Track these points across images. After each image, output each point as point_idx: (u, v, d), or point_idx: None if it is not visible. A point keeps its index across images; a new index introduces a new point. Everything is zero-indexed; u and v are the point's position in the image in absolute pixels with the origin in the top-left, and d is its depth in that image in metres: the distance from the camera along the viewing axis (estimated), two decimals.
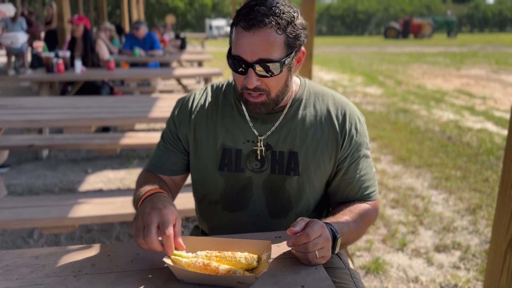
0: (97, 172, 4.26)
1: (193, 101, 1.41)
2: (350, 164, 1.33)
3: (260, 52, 1.15)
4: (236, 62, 1.18)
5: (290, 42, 1.17)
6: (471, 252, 2.85)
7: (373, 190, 1.37)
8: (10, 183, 3.92)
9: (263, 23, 1.13)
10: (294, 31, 1.17)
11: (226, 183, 1.36)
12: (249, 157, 1.33)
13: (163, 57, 7.39)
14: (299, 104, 1.34)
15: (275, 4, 1.16)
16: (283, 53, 1.17)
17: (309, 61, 3.38)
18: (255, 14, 1.13)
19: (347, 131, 1.31)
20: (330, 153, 1.31)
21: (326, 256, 1.08)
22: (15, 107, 3.16)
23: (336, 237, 1.12)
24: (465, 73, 12.83)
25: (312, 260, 1.05)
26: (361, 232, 1.29)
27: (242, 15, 1.16)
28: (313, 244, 1.04)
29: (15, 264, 1.08)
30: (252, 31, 1.14)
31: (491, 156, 4.83)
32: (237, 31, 1.17)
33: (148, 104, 3.32)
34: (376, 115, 7.10)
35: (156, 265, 1.07)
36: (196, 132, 1.37)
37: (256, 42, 1.14)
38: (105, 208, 2.47)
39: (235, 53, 1.18)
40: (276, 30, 1.14)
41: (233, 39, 1.19)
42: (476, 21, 62.84)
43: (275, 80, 1.20)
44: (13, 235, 3.05)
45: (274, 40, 1.14)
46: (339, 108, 1.35)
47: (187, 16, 51.78)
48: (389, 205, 3.58)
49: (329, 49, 24.50)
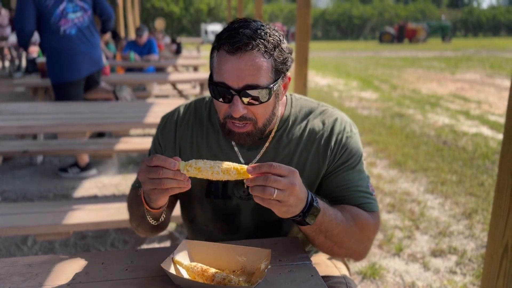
0: (92, 178, 4.23)
1: (177, 121, 1.34)
2: (335, 175, 1.26)
3: (247, 78, 1.06)
4: (220, 90, 1.10)
5: (277, 66, 1.10)
6: (467, 257, 2.85)
7: (370, 202, 1.27)
8: (4, 189, 3.89)
9: (250, 46, 1.05)
10: (281, 55, 1.10)
11: (213, 210, 1.32)
12: (237, 184, 1.28)
13: (159, 62, 7.39)
14: (285, 127, 1.27)
15: (259, 27, 1.09)
16: (270, 79, 1.09)
17: (305, 66, 3.38)
18: (240, 36, 1.06)
19: (333, 145, 1.25)
20: (317, 171, 1.26)
21: (287, 205, 1.00)
22: (9, 113, 3.14)
23: (313, 204, 1.06)
24: (460, 77, 12.89)
25: (267, 197, 0.97)
26: (351, 231, 1.18)
27: (225, 38, 1.08)
28: (275, 179, 0.97)
29: (7, 272, 1.07)
30: (237, 55, 1.05)
31: (486, 160, 4.84)
32: (220, 55, 1.09)
33: (143, 109, 3.31)
34: (371, 119, 7.12)
35: (151, 273, 1.07)
36: (182, 155, 1.32)
37: (242, 66, 1.06)
38: (100, 215, 2.45)
39: (218, 80, 1.09)
40: (263, 53, 1.07)
41: (215, 64, 1.11)
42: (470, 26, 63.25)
43: (262, 108, 1.12)
44: (7, 242, 3.02)
45: (261, 65, 1.07)
46: (326, 123, 1.28)
47: (182, 21, 51.82)
48: (385, 209, 3.58)
49: (325, 54, 24.57)
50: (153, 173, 1.00)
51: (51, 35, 3.89)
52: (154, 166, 1.01)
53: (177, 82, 5.91)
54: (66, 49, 3.94)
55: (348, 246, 1.21)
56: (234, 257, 1.08)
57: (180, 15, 51.35)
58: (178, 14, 51.02)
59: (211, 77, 1.13)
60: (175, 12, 50.61)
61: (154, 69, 7.62)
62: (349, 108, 8.16)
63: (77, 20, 3.95)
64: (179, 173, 1.01)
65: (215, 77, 1.11)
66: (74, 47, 3.96)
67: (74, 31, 3.93)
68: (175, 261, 1.05)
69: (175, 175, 1.00)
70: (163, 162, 1.00)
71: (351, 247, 1.22)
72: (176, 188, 1.03)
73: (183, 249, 1.10)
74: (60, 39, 3.89)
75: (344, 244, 1.19)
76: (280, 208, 1.01)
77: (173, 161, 1.00)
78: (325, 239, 1.15)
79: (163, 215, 1.22)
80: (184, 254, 1.09)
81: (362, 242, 1.24)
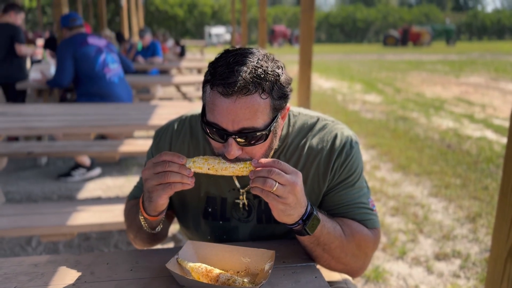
0: (96, 180, 4.25)
1: (173, 138, 1.29)
2: (335, 193, 1.22)
3: (243, 121, 0.99)
4: (213, 130, 1.02)
5: (275, 104, 1.02)
6: (471, 261, 2.84)
7: (371, 218, 1.23)
8: (9, 190, 3.91)
9: (246, 90, 0.97)
10: (280, 91, 1.02)
11: (211, 231, 1.30)
12: (235, 206, 1.24)
13: (163, 65, 7.42)
14: (283, 147, 1.22)
15: (256, 62, 1.00)
16: (268, 119, 1.02)
17: (308, 69, 3.39)
18: (235, 77, 0.96)
19: (333, 164, 1.20)
20: (318, 190, 1.22)
21: (285, 203, 0.99)
22: (14, 114, 3.16)
23: (313, 213, 1.05)
24: (464, 81, 12.87)
25: (267, 189, 0.97)
26: (348, 247, 1.15)
27: (219, 77, 0.99)
28: (277, 172, 0.96)
29: (14, 272, 1.08)
30: (233, 98, 0.97)
31: (490, 164, 4.83)
32: (214, 95, 1.00)
33: (147, 111, 3.33)
34: (375, 122, 7.11)
35: (156, 273, 1.07)
36: None
37: (238, 110, 0.98)
38: (104, 216, 2.46)
39: (212, 120, 1.01)
40: (260, 95, 0.99)
41: (209, 102, 1.02)
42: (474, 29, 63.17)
43: (258, 147, 1.06)
44: (11, 242, 3.03)
45: (258, 107, 0.99)
46: (325, 140, 1.22)
47: (186, 24, 51.98)
48: (388, 213, 3.57)
49: (328, 57, 24.59)
50: (159, 167, 1.02)
51: (98, 81, 4.12)
52: (161, 161, 1.03)
53: (181, 84, 5.93)
54: (111, 95, 4.17)
55: (345, 262, 1.18)
56: (238, 258, 1.09)
57: (184, 18, 51.52)
58: (182, 17, 51.19)
59: (204, 113, 1.06)
60: (179, 15, 50.79)
61: (158, 72, 7.65)
62: (352, 111, 8.16)
63: (116, 71, 4.26)
64: (184, 168, 1.03)
65: (208, 116, 1.03)
66: (119, 94, 4.22)
67: (117, 79, 4.21)
68: (180, 261, 1.05)
69: (180, 169, 1.02)
70: (170, 156, 1.03)
71: (348, 262, 1.19)
72: (179, 184, 1.03)
73: (188, 249, 1.11)
74: (106, 84, 4.13)
75: (342, 260, 1.17)
76: (277, 205, 0.99)
77: (181, 156, 1.03)
78: (322, 252, 1.13)
79: (160, 225, 1.20)
80: (189, 255, 1.10)
81: (360, 258, 1.20)
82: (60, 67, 4.06)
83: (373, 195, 3.92)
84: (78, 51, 4.03)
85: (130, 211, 1.30)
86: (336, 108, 8.47)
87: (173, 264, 1.03)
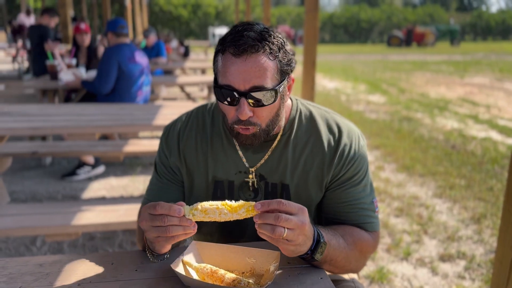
0: (100, 180, 4.26)
1: (180, 130, 1.32)
2: (340, 190, 1.24)
3: (253, 79, 1.06)
4: (226, 92, 1.08)
5: (282, 67, 1.10)
6: (476, 262, 2.83)
7: (372, 221, 1.26)
8: (13, 190, 3.92)
9: (255, 48, 1.05)
10: (285, 56, 1.11)
11: None
12: (242, 188, 1.27)
13: (167, 65, 7.42)
14: (290, 132, 1.26)
15: (263, 29, 1.10)
16: (276, 80, 1.09)
17: (312, 69, 3.39)
18: (245, 39, 1.05)
19: (339, 157, 1.22)
20: (321, 179, 1.24)
21: (296, 244, 0.98)
22: (19, 114, 3.17)
23: (320, 240, 1.04)
24: (469, 81, 12.83)
25: (277, 237, 0.94)
26: (352, 255, 1.17)
27: (229, 41, 1.08)
28: (285, 218, 0.94)
29: (19, 272, 1.08)
30: (243, 57, 1.05)
31: (495, 164, 4.81)
32: (225, 58, 1.08)
33: (151, 111, 3.33)
34: (379, 123, 7.09)
35: (161, 273, 1.07)
36: (187, 164, 1.30)
37: (248, 69, 1.05)
38: (108, 216, 2.46)
39: (224, 83, 1.08)
40: (268, 55, 1.07)
41: (220, 67, 1.10)
42: (479, 30, 62.88)
43: (267, 109, 1.12)
44: (16, 242, 3.05)
45: (267, 66, 1.07)
46: (334, 132, 1.25)
47: (190, 24, 52.04)
48: (393, 214, 3.57)
49: (332, 57, 24.56)
50: (157, 221, 0.98)
51: (126, 100, 4.14)
52: (159, 215, 0.98)
53: (185, 84, 5.94)
54: None
55: (348, 268, 1.21)
56: (243, 259, 1.08)
57: (188, 18, 51.57)
58: (186, 17, 51.24)
59: (216, 81, 1.13)
60: (183, 15, 50.84)
61: (162, 72, 7.66)
62: (356, 111, 8.15)
63: (146, 93, 4.33)
64: (184, 219, 0.98)
65: (220, 80, 1.10)
66: None
67: (142, 101, 4.27)
68: (185, 262, 1.05)
69: (181, 222, 0.98)
70: (167, 210, 0.97)
71: (351, 268, 1.22)
72: (182, 235, 1.00)
73: (193, 250, 1.11)
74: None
75: (346, 267, 1.20)
76: (288, 247, 0.98)
77: (178, 208, 0.97)
78: (328, 266, 1.14)
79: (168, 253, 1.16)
80: (194, 255, 1.10)
81: (361, 261, 1.24)
82: (105, 73, 4.02)
83: (378, 195, 3.91)
84: (124, 65, 4.02)
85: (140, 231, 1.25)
86: (340, 108, 8.45)
87: (178, 264, 1.03)
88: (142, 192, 3.92)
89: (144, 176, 4.33)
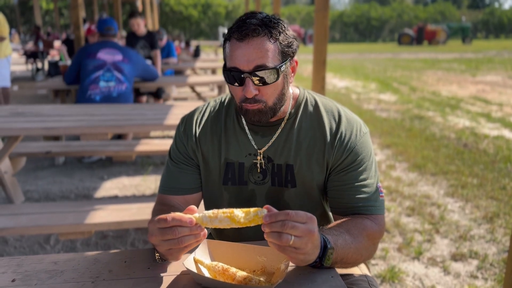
0: (113, 179, 4.30)
1: (197, 118, 1.42)
2: (342, 173, 1.29)
3: (256, 60, 1.17)
4: (232, 74, 1.20)
5: (283, 49, 1.20)
6: (489, 261, 2.80)
7: (374, 205, 1.28)
8: (27, 189, 3.98)
9: (256, 32, 1.17)
10: (286, 39, 1.21)
11: (230, 197, 1.38)
12: (251, 170, 1.35)
13: (177, 65, 7.46)
14: (296, 116, 1.35)
15: (265, 16, 1.22)
16: (278, 61, 1.19)
17: (323, 68, 3.38)
18: (247, 25, 1.17)
19: (339, 141, 1.29)
20: (322, 163, 1.31)
21: (304, 253, 0.97)
22: (33, 115, 3.21)
23: (327, 246, 1.05)
24: (481, 79, 12.69)
25: (284, 244, 0.94)
26: (361, 247, 1.18)
27: (234, 29, 1.20)
28: (292, 225, 0.93)
29: (34, 269, 1.10)
30: (246, 41, 1.17)
31: (508, 163, 4.76)
32: (231, 44, 1.20)
33: (163, 111, 3.35)
34: (390, 122, 7.06)
35: (173, 271, 1.08)
36: (202, 147, 1.38)
37: (251, 51, 1.17)
38: (121, 215, 2.49)
39: (231, 65, 1.20)
40: (269, 38, 1.18)
41: (228, 53, 1.22)
42: (491, 27, 62.10)
43: (271, 88, 1.22)
44: (30, 240, 3.09)
45: (268, 48, 1.18)
46: (336, 117, 1.34)
47: (200, 25, 52.16)
48: (404, 213, 3.55)
49: (343, 56, 24.46)
50: (168, 234, 0.98)
51: (80, 93, 4.31)
52: (169, 228, 0.98)
53: (196, 84, 5.96)
54: None
55: (361, 260, 1.21)
56: (254, 257, 1.09)
57: (198, 18, 51.70)
58: (196, 17, 51.37)
59: (225, 66, 1.24)
60: (194, 15, 50.97)
61: (173, 72, 7.70)
62: (367, 110, 8.11)
63: (105, 89, 4.31)
64: (195, 228, 0.98)
65: (228, 64, 1.22)
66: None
67: (99, 98, 4.28)
68: (197, 260, 1.07)
69: (192, 231, 0.98)
70: (178, 221, 0.97)
71: (363, 259, 1.22)
72: (194, 243, 1.01)
73: (204, 248, 1.12)
74: (85, 101, 4.26)
75: (358, 261, 1.20)
76: (296, 255, 0.97)
77: (189, 218, 0.98)
78: (341, 265, 1.14)
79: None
80: (205, 253, 1.11)
81: (371, 249, 1.24)
82: (69, 67, 4.57)
83: (389, 195, 3.90)
84: (83, 60, 4.36)
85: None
86: (351, 107, 8.42)
87: (190, 262, 1.04)
88: (154, 191, 3.95)
89: (155, 176, 4.36)
